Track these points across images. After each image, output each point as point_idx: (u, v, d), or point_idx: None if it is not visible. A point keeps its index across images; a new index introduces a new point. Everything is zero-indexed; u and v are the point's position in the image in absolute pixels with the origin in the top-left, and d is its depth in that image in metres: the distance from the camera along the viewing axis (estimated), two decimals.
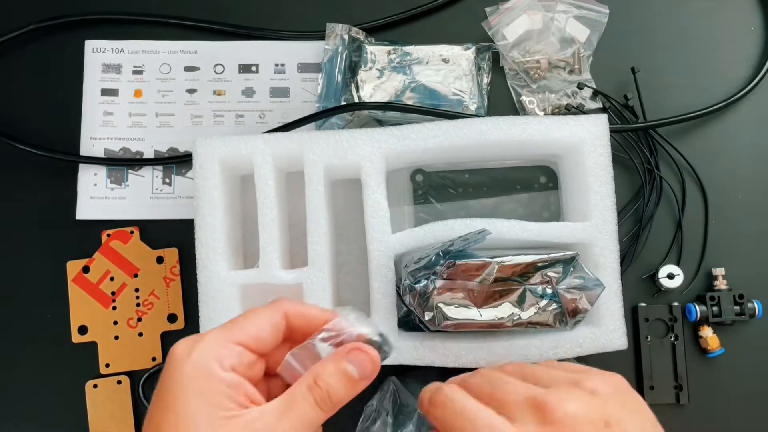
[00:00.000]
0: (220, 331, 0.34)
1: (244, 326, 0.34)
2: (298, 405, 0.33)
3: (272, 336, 0.35)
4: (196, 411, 0.31)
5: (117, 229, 0.64)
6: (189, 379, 0.31)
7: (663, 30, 0.68)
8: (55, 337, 0.63)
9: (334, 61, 0.65)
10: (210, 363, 0.32)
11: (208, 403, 0.31)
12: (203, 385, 0.31)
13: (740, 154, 0.66)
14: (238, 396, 0.32)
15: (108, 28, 0.68)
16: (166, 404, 0.32)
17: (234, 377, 0.32)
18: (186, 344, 0.33)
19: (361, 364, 0.34)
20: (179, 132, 0.66)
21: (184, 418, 0.31)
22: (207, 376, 0.32)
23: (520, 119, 0.57)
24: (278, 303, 0.36)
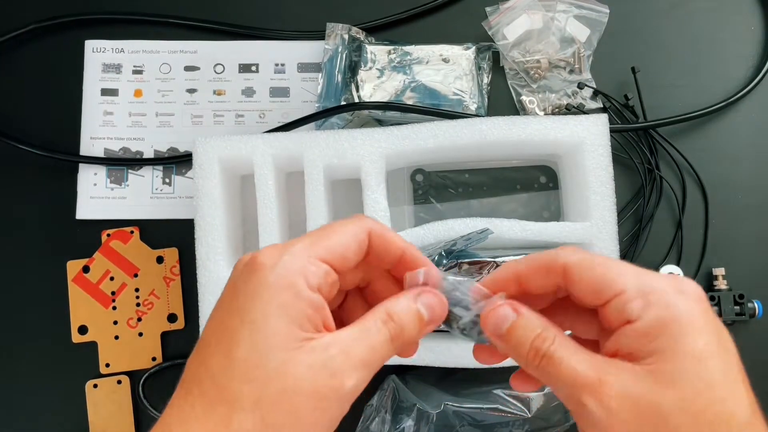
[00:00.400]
0: (307, 244, 0.31)
1: (331, 242, 0.31)
2: (373, 337, 0.31)
3: (356, 256, 0.32)
4: (276, 326, 0.29)
5: (117, 229, 0.64)
6: (273, 291, 0.29)
7: (663, 30, 0.68)
8: (55, 337, 0.63)
9: (334, 61, 0.65)
10: (296, 278, 0.30)
11: (289, 321, 0.29)
12: (287, 301, 0.29)
13: (741, 154, 0.66)
14: (317, 319, 0.30)
15: (108, 27, 0.67)
16: (241, 310, 0.29)
17: (318, 298, 0.30)
18: (271, 253, 0.31)
19: (431, 307, 0.32)
20: (179, 132, 0.66)
21: (261, 330, 0.29)
22: (292, 292, 0.29)
23: (520, 119, 0.57)
24: (362, 220, 0.33)
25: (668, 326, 0.29)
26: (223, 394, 0.28)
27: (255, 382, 0.28)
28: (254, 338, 0.29)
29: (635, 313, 0.29)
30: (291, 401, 0.28)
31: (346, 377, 0.29)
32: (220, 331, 0.30)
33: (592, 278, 0.31)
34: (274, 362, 0.28)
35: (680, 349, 0.28)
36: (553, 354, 0.30)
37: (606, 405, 0.28)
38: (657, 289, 0.30)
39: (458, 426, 0.54)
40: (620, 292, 0.30)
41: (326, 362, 0.29)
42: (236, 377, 0.28)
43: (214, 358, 0.29)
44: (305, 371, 0.29)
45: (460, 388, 0.57)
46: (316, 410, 0.29)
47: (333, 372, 0.29)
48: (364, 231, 0.33)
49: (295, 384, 0.28)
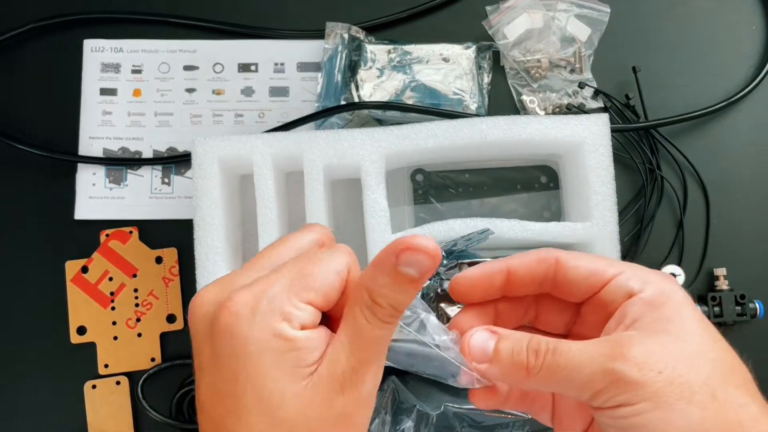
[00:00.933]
0: (286, 287, 0.29)
1: (311, 281, 0.29)
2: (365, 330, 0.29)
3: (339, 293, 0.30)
4: (277, 381, 0.27)
5: (116, 229, 0.64)
6: (260, 345, 0.27)
7: (664, 29, 0.68)
8: (54, 338, 0.63)
9: (334, 61, 0.65)
10: (278, 325, 0.28)
11: (287, 369, 0.28)
12: (277, 350, 0.28)
13: (742, 154, 0.66)
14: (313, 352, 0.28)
15: (107, 27, 0.67)
16: (236, 374, 0.28)
17: (306, 334, 0.28)
18: (245, 300, 0.28)
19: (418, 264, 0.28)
20: (178, 131, 0.66)
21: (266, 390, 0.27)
22: (280, 339, 0.28)
23: (521, 119, 0.57)
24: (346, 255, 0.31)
25: (669, 297, 0.30)
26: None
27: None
28: (261, 398, 0.28)
29: (638, 286, 0.31)
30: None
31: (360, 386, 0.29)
32: (219, 394, 0.28)
33: (588, 263, 0.32)
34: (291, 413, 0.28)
35: (684, 315, 0.30)
36: (556, 347, 0.30)
37: (637, 363, 0.28)
38: (648, 272, 0.32)
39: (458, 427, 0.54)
40: (618, 272, 0.31)
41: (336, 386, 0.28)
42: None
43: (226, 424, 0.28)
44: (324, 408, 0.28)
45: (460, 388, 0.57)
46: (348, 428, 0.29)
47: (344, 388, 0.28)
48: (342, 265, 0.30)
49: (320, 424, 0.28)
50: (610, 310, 0.31)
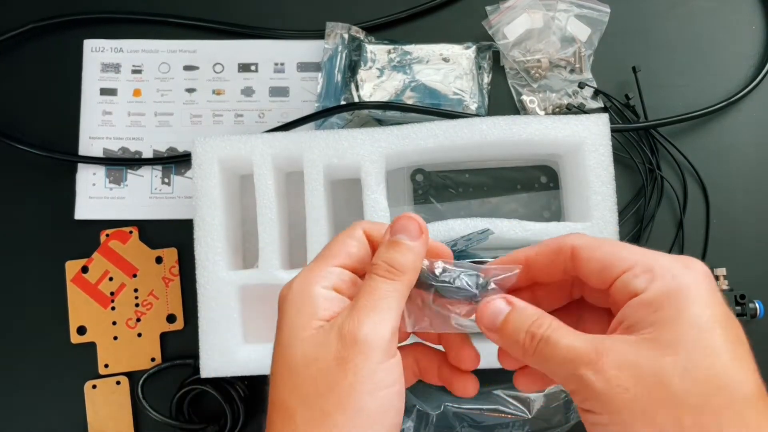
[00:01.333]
0: (313, 263, 0.34)
1: (333, 250, 0.34)
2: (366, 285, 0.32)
3: (361, 250, 0.34)
4: (293, 327, 0.32)
5: (116, 229, 0.64)
6: (292, 303, 0.32)
7: (664, 29, 0.68)
8: (54, 338, 0.63)
9: (334, 61, 0.65)
10: (310, 286, 0.32)
11: (304, 319, 0.31)
12: (303, 302, 0.32)
13: (742, 154, 0.66)
14: (330, 308, 0.32)
15: (107, 27, 0.67)
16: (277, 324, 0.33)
17: (331, 293, 0.32)
18: (289, 283, 0.34)
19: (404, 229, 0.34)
20: (178, 131, 0.66)
21: (284, 334, 0.32)
22: (308, 295, 0.32)
23: (521, 119, 0.57)
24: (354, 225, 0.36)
25: (673, 297, 0.29)
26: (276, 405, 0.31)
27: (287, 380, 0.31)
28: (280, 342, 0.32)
29: (641, 285, 0.29)
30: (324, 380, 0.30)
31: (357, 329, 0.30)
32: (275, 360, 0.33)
33: (600, 257, 0.31)
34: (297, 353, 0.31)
35: (684, 318, 0.28)
36: (549, 336, 0.30)
37: (605, 375, 0.28)
38: (663, 264, 0.30)
39: (458, 427, 0.54)
40: (628, 268, 0.30)
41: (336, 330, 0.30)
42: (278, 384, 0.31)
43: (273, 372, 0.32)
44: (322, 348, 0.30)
45: None
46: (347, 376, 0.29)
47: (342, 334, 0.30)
48: (357, 229, 0.35)
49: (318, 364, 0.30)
50: (618, 306, 0.31)
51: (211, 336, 0.55)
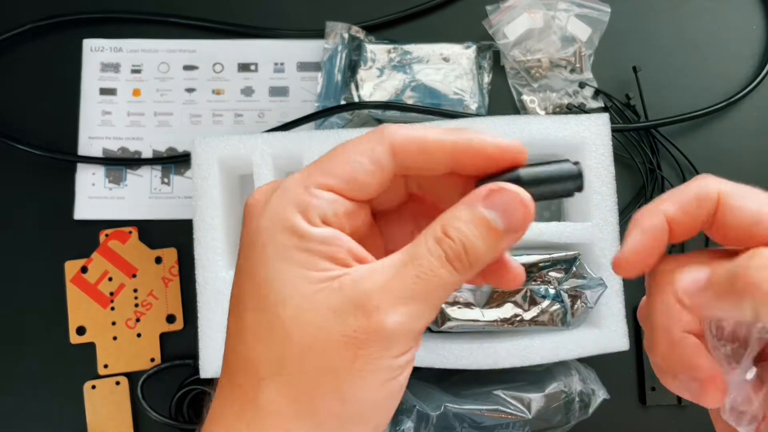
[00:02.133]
0: (305, 174, 0.25)
1: (332, 165, 0.25)
2: (423, 259, 0.24)
3: (375, 178, 0.25)
4: (280, 275, 0.24)
5: (115, 229, 0.64)
6: (267, 236, 0.24)
7: (665, 29, 0.67)
8: (53, 338, 0.63)
9: (334, 60, 0.65)
10: (291, 215, 0.24)
11: (296, 265, 0.24)
12: (285, 244, 0.24)
13: (742, 154, 0.65)
14: (338, 252, 0.24)
15: (106, 26, 0.67)
16: (242, 266, 0.25)
17: (326, 231, 0.24)
18: (261, 192, 0.26)
19: (505, 211, 0.24)
20: (178, 131, 0.66)
21: (264, 284, 0.24)
22: (290, 232, 0.24)
23: (521, 118, 0.57)
24: (380, 131, 0.25)
25: None
26: (241, 363, 0.24)
27: (270, 344, 0.24)
28: (259, 294, 0.24)
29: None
30: (322, 356, 0.23)
31: (386, 314, 0.23)
32: (232, 293, 0.26)
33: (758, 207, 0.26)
34: (288, 315, 0.23)
35: None
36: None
37: None
38: None
39: (459, 428, 0.54)
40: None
41: (356, 300, 0.23)
42: (250, 341, 0.24)
43: (230, 325, 0.25)
44: (330, 317, 0.23)
45: (461, 389, 0.57)
46: (356, 361, 0.23)
47: (366, 310, 0.23)
48: (381, 144, 0.25)
49: (319, 335, 0.23)
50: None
51: (211, 336, 0.55)
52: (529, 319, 0.51)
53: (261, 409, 0.23)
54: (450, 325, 0.50)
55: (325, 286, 0.24)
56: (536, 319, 0.51)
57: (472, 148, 0.25)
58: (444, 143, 0.25)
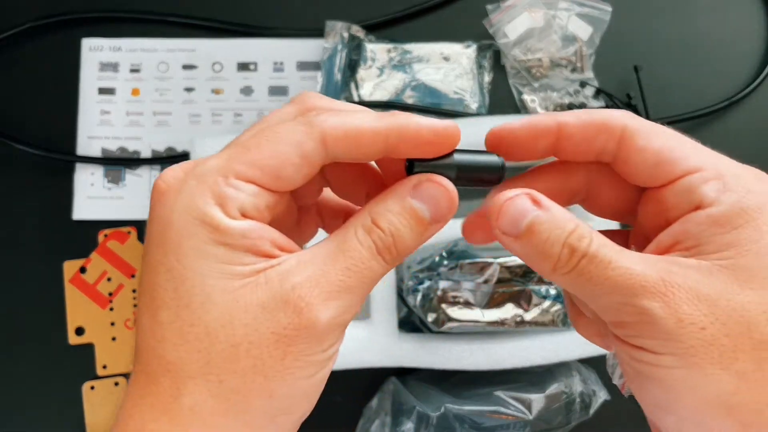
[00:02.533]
0: (224, 160, 0.23)
1: (255, 154, 0.23)
2: (354, 251, 0.23)
3: (301, 170, 0.24)
4: (200, 271, 0.22)
5: (114, 229, 0.64)
6: (183, 230, 0.23)
7: (666, 28, 0.67)
8: (52, 339, 0.62)
9: (334, 60, 0.65)
10: (208, 207, 0.23)
11: (215, 260, 0.22)
12: (203, 239, 0.22)
13: (744, 154, 0.64)
14: (260, 245, 0.23)
15: (105, 26, 0.67)
16: (153, 259, 0.23)
17: (246, 223, 0.23)
18: (174, 176, 0.24)
19: (433, 202, 0.25)
20: (177, 131, 0.65)
21: (183, 280, 0.23)
22: (207, 227, 0.23)
23: None
24: (311, 122, 0.23)
25: (750, 216, 0.23)
26: (161, 362, 0.23)
27: (195, 343, 0.22)
28: (178, 292, 0.23)
29: (711, 195, 0.24)
30: (249, 355, 0.22)
31: (318, 310, 0.23)
32: (142, 287, 0.24)
33: (659, 147, 0.25)
34: (213, 313, 0.22)
35: (763, 243, 0.23)
36: (596, 253, 0.23)
37: (675, 310, 0.22)
38: (735, 173, 0.25)
39: (459, 429, 0.54)
40: (694, 169, 0.24)
41: (286, 295, 0.22)
42: (169, 341, 0.23)
43: (142, 322, 0.24)
44: (259, 314, 0.22)
45: (461, 389, 0.57)
46: (286, 359, 0.23)
47: (297, 306, 0.23)
48: (312, 138, 0.23)
49: (248, 333, 0.22)
50: (669, 216, 0.25)
51: None
52: (530, 319, 0.51)
53: (186, 408, 0.23)
54: (450, 325, 0.50)
55: (250, 281, 0.23)
56: (537, 319, 0.51)
57: (407, 134, 0.24)
58: (379, 131, 0.24)
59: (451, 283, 0.50)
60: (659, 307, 0.22)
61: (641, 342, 0.23)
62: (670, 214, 0.25)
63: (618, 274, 0.23)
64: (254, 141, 0.23)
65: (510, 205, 0.25)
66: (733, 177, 0.24)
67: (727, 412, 0.22)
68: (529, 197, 0.24)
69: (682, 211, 0.24)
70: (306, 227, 0.29)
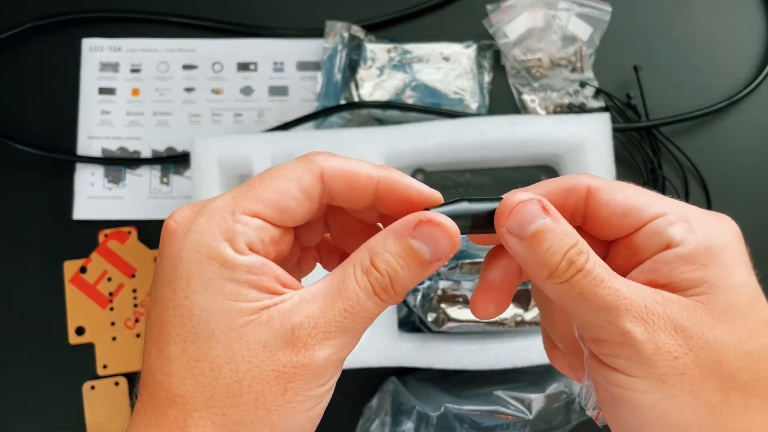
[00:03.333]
0: (229, 199, 0.25)
1: (260, 190, 0.25)
2: (351, 293, 0.25)
3: (302, 205, 0.26)
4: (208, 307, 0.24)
5: (114, 229, 0.64)
6: (191, 266, 0.24)
7: (666, 28, 0.67)
8: (52, 339, 0.62)
9: (334, 60, 0.65)
10: (217, 243, 0.24)
11: (223, 295, 0.24)
12: (212, 275, 0.24)
13: (743, 154, 0.65)
14: (265, 281, 0.24)
15: (105, 26, 0.67)
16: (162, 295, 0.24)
17: (253, 258, 0.24)
18: (184, 215, 0.25)
19: (434, 242, 0.25)
20: (177, 131, 0.66)
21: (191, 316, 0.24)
22: (217, 262, 0.24)
23: (522, 118, 0.57)
24: (310, 158, 0.26)
25: (717, 254, 0.25)
26: (168, 395, 0.24)
27: (200, 377, 0.24)
28: (185, 327, 0.24)
29: (678, 236, 0.25)
30: (251, 390, 0.24)
31: (316, 349, 0.24)
32: (150, 321, 0.25)
33: (624, 200, 0.27)
34: (217, 349, 0.24)
35: (732, 281, 0.25)
36: (591, 270, 0.25)
37: (654, 337, 0.24)
38: (698, 216, 0.26)
39: (459, 428, 0.54)
40: (660, 213, 0.26)
41: (286, 335, 0.24)
42: (176, 375, 0.24)
43: (150, 355, 0.25)
44: (261, 351, 0.24)
45: (461, 389, 0.57)
46: (286, 394, 0.24)
47: (296, 347, 0.24)
48: (311, 172, 0.26)
49: (250, 369, 0.24)
50: (640, 258, 0.26)
51: None
52: (530, 319, 0.51)
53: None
54: (450, 325, 0.50)
55: (254, 318, 0.24)
56: (537, 319, 0.51)
57: (397, 188, 0.27)
58: (372, 177, 0.26)
59: (451, 283, 0.50)
60: (641, 332, 0.24)
61: (618, 363, 0.25)
62: (640, 256, 0.26)
63: (607, 293, 0.24)
64: (258, 179, 0.26)
65: (522, 208, 0.26)
66: (696, 219, 0.26)
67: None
68: (540, 204, 0.26)
69: (652, 253, 0.26)
70: (305, 263, 0.31)
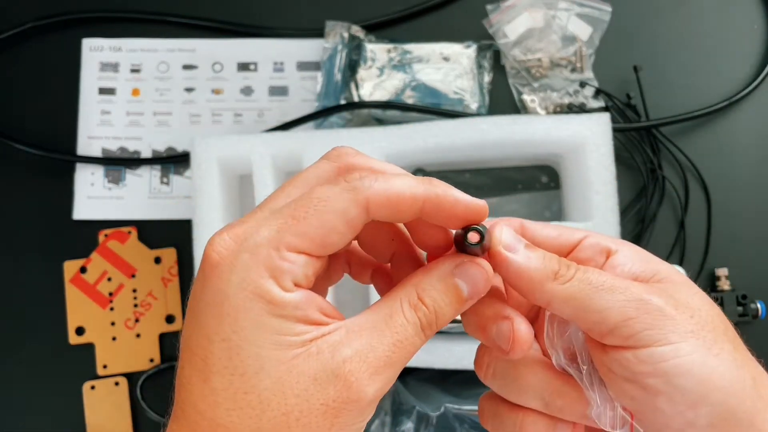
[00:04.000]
0: (273, 232, 0.24)
1: (305, 225, 0.24)
2: (400, 327, 0.25)
3: (345, 237, 0.25)
4: (256, 342, 0.24)
5: (114, 229, 0.64)
6: (240, 304, 0.24)
7: (666, 28, 0.67)
8: (53, 339, 0.62)
9: (334, 60, 0.65)
10: (263, 281, 0.24)
11: (270, 331, 0.24)
12: (260, 313, 0.24)
13: (744, 154, 0.65)
14: (311, 314, 0.24)
15: (105, 26, 0.67)
16: (206, 327, 0.24)
17: (299, 295, 0.24)
18: (225, 248, 0.25)
19: (473, 281, 0.26)
20: (177, 131, 0.66)
21: (240, 352, 0.24)
22: (263, 300, 0.24)
23: (522, 118, 0.57)
24: (357, 189, 0.25)
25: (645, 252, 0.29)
26: (212, 424, 0.24)
27: (247, 410, 0.24)
28: (232, 361, 0.24)
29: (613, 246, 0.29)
30: (299, 423, 0.24)
31: (366, 385, 0.24)
32: (191, 350, 0.25)
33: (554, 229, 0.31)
34: (266, 382, 0.24)
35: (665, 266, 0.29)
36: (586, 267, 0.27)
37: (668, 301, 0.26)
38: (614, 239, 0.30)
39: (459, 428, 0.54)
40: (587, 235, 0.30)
41: (337, 369, 0.24)
42: (221, 406, 0.24)
43: (192, 384, 0.25)
44: (310, 385, 0.24)
45: (461, 389, 0.57)
46: (332, 429, 0.24)
47: (347, 381, 0.24)
48: (357, 204, 0.25)
49: (299, 403, 0.24)
50: None
51: None
52: None
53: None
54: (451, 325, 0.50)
55: (302, 351, 0.24)
56: None
57: (444, 205, 0.26)
58: (417, 198, 0.26)
59: None
60: (657, 299, 0.26)
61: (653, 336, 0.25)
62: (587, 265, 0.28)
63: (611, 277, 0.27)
64: (302, 211, 0.24)
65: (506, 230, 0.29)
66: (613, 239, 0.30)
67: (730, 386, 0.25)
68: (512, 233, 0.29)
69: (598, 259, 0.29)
70: (334, 273, 0.31)
